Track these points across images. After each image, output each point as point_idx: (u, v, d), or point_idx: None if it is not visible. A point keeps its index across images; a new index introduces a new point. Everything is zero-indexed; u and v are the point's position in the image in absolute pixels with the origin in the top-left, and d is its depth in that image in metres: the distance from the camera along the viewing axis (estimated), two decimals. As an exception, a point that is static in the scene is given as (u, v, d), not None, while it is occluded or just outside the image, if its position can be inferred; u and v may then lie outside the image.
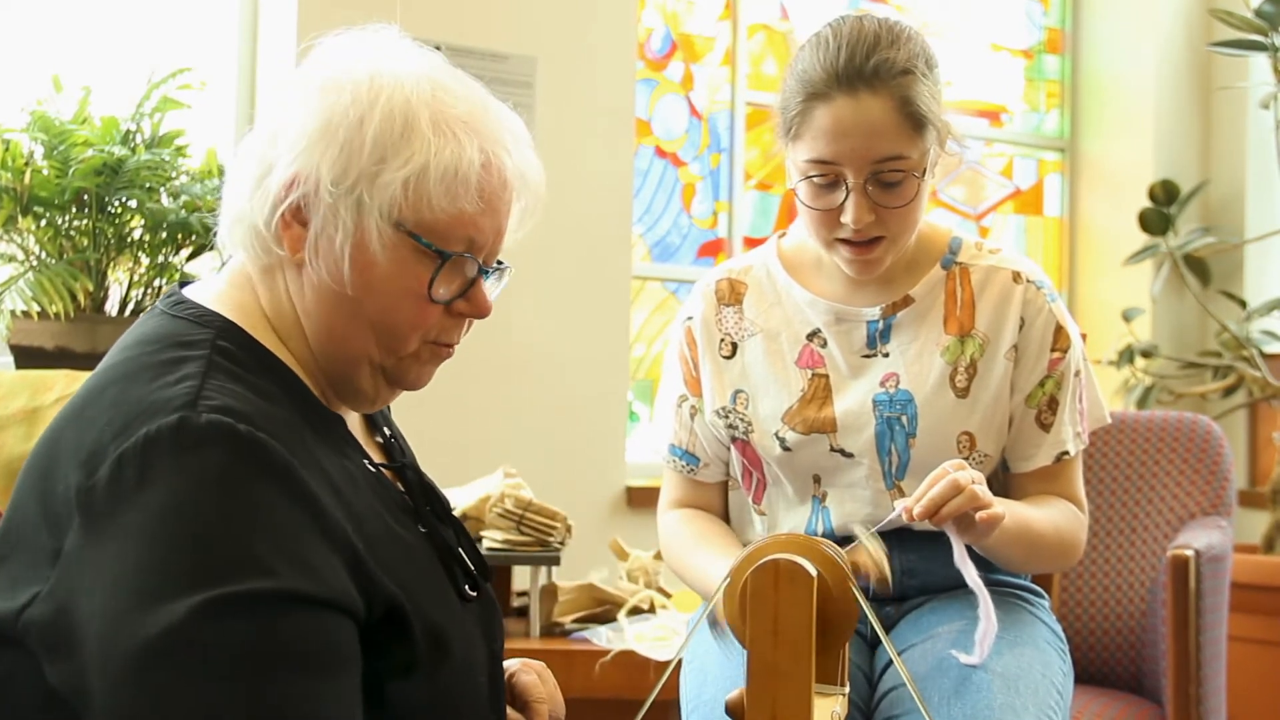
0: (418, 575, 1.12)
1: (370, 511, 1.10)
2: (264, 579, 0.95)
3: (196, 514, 0.96)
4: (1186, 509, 2.61)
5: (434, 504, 1.25)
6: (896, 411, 1.64)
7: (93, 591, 0.96)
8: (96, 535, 0.97)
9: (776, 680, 0.94)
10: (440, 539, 1.20)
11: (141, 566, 0.94)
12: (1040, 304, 1.65)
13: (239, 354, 1.09)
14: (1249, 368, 4.09)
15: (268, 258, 1.14)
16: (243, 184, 1.14)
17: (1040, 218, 4.73)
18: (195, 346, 1.07)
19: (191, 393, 1.01)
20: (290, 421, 1.06)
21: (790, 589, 0.94)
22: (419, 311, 1.14)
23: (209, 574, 0.94)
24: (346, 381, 1.17)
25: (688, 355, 1.74)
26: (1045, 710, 1.45)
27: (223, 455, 0.98)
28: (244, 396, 1.04)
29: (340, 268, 1.11)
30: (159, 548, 0.95)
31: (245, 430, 0.99)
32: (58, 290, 1.95)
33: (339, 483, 1.08)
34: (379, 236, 1.11)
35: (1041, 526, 1.59)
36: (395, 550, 1.10)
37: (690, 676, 1.58)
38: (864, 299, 1.67)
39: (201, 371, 1.04)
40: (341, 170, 1.10)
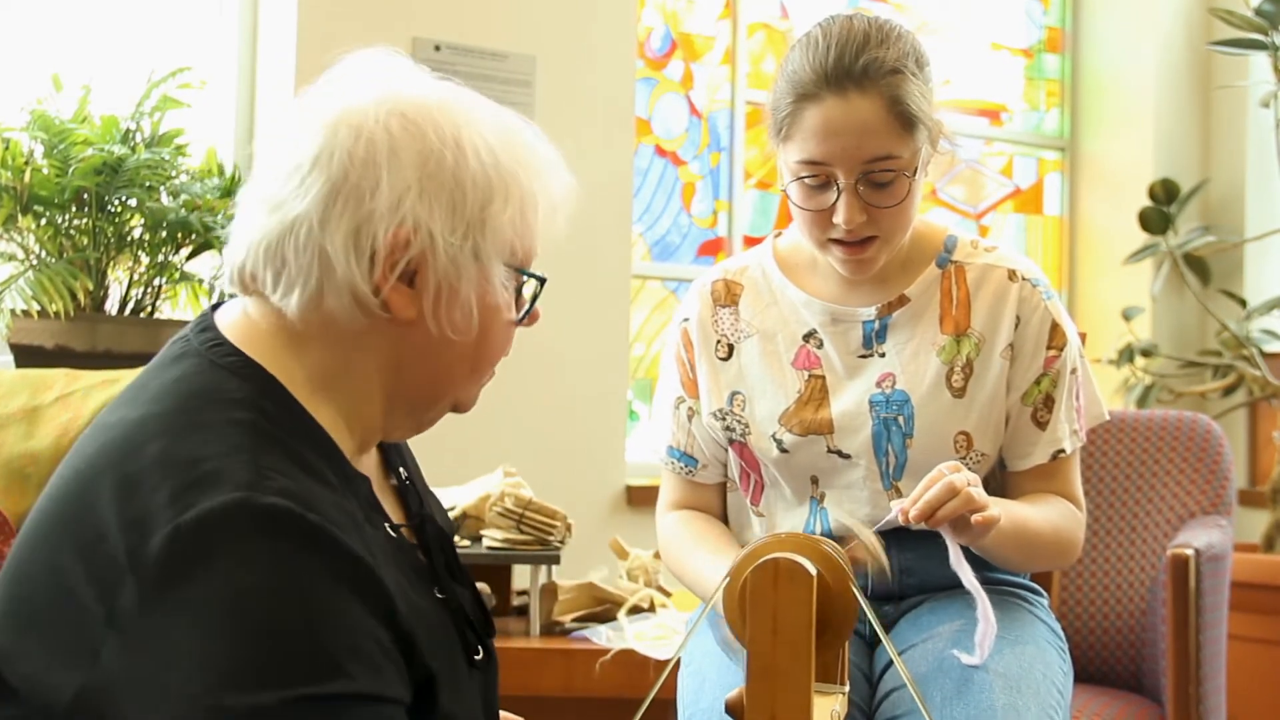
0: (441, 653, 1.09)
1: (398, 585, 1.06)
2: (345, 682, 0.92)
3: (271, 605, 0.91)
4: (1186, 508, 2.61)
5: (449, 557, 1.22)
6: (893, 412, 1.64)
7: (153, 674, 0.90)
8: (154, 611, 0.91)
9: (776, 679, 0.94)
10: (455, 602, 1.16)
11: (215, 651, 0.90)
12: (1036, 302, 1.65)
13: (281, 417, 1.03)
14: (1249, 367, 4.10)
15: (364, 320, 1.06)
16: (330, 244, 1.04)
17: (1040, 217, 4.73)
18: (238, 407, 1.01)
19: (249, 468, 0.95)
20: (341, 503, 1.02)
21: (790, 588, 0.94)
22: (508, 336, 1.15)
23: (291, 675, 0.90)
24: (415, 420, 1.15)
25: (684, 357, 1.74)
26: (1047, 710, 1.45)
27: (292, 546, 0.93)
28: (299, 477, 0.99)
29: (468, 317, 1.08)
30: (232, 636, 0.90)
31: (315, 520, 0.94)
32: (57, 289, 1.95)
33: (375, 559, 1.03)
34: (497, 278, 1.10)
35: (1038, 526, 1.59)
36: (421, 628, 1.07)
37: (688, 679, 1.58)
38: (859, 299, 1.67)
39: (251, 443, 0.98)
40: (454, 221, 1.06)
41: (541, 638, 2.40)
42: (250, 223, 1.08)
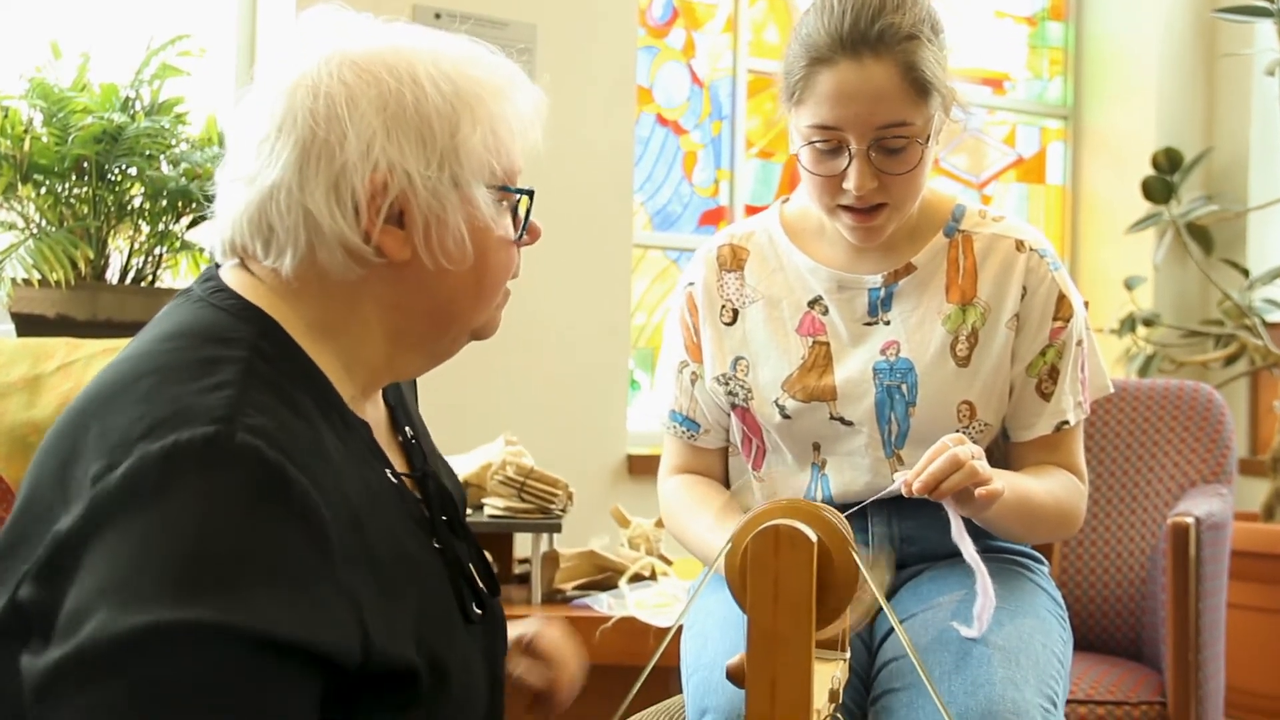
0: (426, 600, 1.09)
1: (388, 534, 1.07)
2: (240, 613, 0.90)
3: (203, 533, 0.91)
4: (1187, 477, 2.61)
5: (449, 512, 1.22)
6: (897, 380, 1.63)
7: (78, 583, 0.92)
8: (98, 529, 0.93)
9: (777, 645, 0.94)
10: (453, 554, 1.17)
11: (128, 571, 0.90)
12: (1043, 273, 1.65)
13: (276, 358, 1.05)
14: (1251, 336, 4.09)
15: (360, 269, 1.08)
16: (312, 203, 1.06)
17: (1043, 186, 4.72)
18: (234, 345, 1.03)
19: (230, 404, 0.96)
20: (321, 444, 1.02)
21: (791, 554, 0.94)
22: (510, 257, 1.15)
23: (190, 595, 0.89)
24: (430, 353, 1.15)
25: (689, 321, 1.74)
26: (1046, 680, 1.45)
27: (248, 481, 0.93)
28: (280, 416, 0.99)
29: (461, 246, 1.09)
30: (154, 557, 0.90)
31: (275, 459, 0.95)
32: (58, 258, 1.95)
33: (359, 508, 1.04)
34: (482, 201, 1.10)
35: (1040, 498, 1.59)
36: (410, 577, 1.07)
37: (690, 643, 1.58)
38: (866, 266, 1.67)
39: (239, 379, 0.99)
40: (426, 155, 1.07)
41: (543, 605, 2.41)
42: (230, 200, 1.10)
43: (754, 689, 0.94)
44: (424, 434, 1.29)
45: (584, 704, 2.42)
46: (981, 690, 1.38)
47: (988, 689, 1.38)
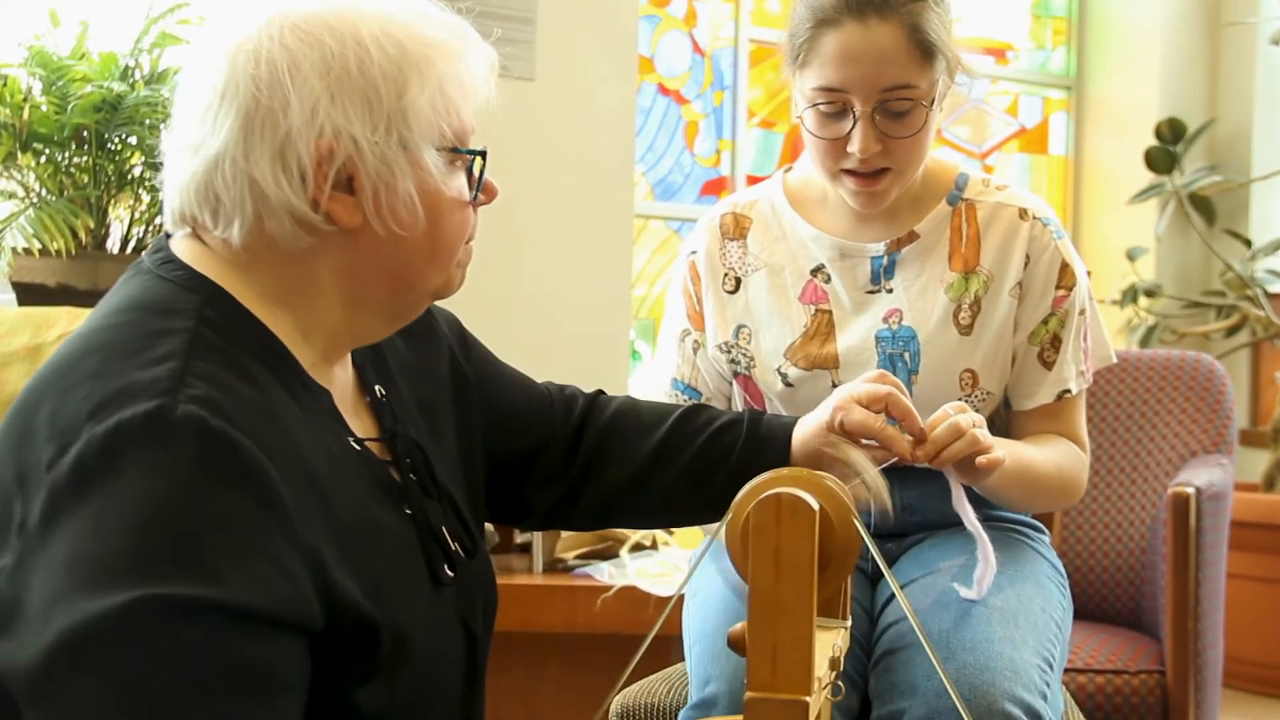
0: (390, 568, 1.09)
1: (348, 499, 1.06)
2: (209, 586, 0.90)
3: (155, 509, 0.91)
4: (1188, 447, 2.61)
5: (421, 473, 1.21)
6: (899, 348, 1.63)
7: (41, 572, 0.91)
8: (56, 515, 0.92)
9: (778, 614, 0.94)
10: (423, 517, 1.17)
11: (87, 554, 0.90)
12: (1046, 241, 1.64)
13: (225, 326, 1.04)
14: (1252, 307, 4.09)
15: (310, 238, 1.07)
16: (258, 173, 1.04)
17: (1045, 156, 4.71)
18: (180, 316, 1.02)
19: (173, 376, 0.96)
20: (271, 408, 1.01)
21: (792, 522, 0.94)
22: (465, 218, 1.14)
23: (153, 571, 0.89)
24: (392, 313, 1.15)
25: (691, 289, 1.74)
26: (1044, 643, 1.46)
27: (193, 453, 0.93)
28: (225, 383, 0.98)
29: (412, 210, 1.08)
30: (110, 537, 0.90)
31: (218, 427, 0.94)
32: (59, 227, 1.94)
33: (318, 471, 1.03)
34: (431, 163, 1.09)
35: (1042, 467, 1.59)
36: (370, 542, 1.07)
37: (693, 611, 1.59)
38: (869, 234, 1.67)
39: (184, 350, 0.99)
40: (373, 119, 1.05)
41: (544, 574, 2.42)
42: (177, 169, 1.08)
43: (755, 657, 0.95)
44: (395, 392, 1.26)
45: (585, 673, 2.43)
46: (979, 648, 1.39)
47: (985, 647, 1.39)
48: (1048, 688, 1.41)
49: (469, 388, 1.36)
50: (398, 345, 1.29)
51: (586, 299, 3.40)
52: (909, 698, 1.37)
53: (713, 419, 1.44)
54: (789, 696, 0.93)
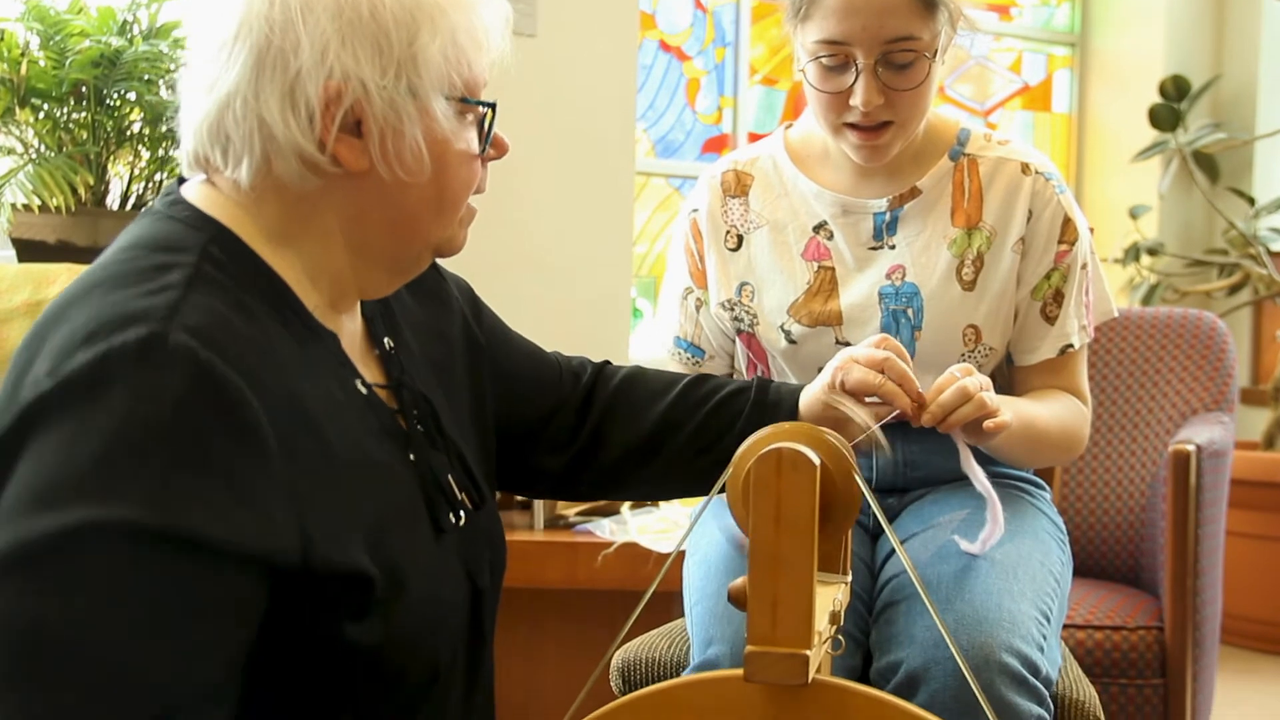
0: (387, 508, 1.09)
1: (347, 440, 1.06)
2: (163, 514, 0.90)
3: (128, 434, 0.90)
4: (1189, 405, 2.61)
5: (428, 424, 1.21)
6: (902, 304, 1.63)
7: (12, 485, 0.91)
8: (32, 431, 0.92)
9: (779, 568, 0.95)
10: (426, 466, 1.17)
11: (49, 472, 0.90)
12: (1049, 196, 1.64)
13: (229, 263, 1.04)
14: (1255, 265, 4.08)
15: (317, 179, 1.07)
16: (267, 112, 1.05)
17: (1048, 114, 4.68)
18: (184, 252, 1.02)
19: (170, 305, 0.96)
20: (268, 345, 1.02)
21: (793, 477, 0.94)
22: (472, 171, 1.14)
23: (110, 494, 0.89)
24: (395, 265, 1.15)
25: (693, 247, 1.73)
26: (1042, 596, 1.47)
27: (178, 383, 0.92)
28: (222, 317, 0.98)
29: (419, 157, 1.08)
30: (77, 457, 0.90)
31: (207, 359, 0.94)
32: (58, 183, 1.94)
33: (314, 411, 1.03)
34: (440, 112, 1.09)
35: (1045, 423, 1.60)
36: (367, 483, 1.07)
37: (693, 568, 1.59)
38: (871, 191, 1.66)
39: (184, 282, 0.99)
40: (382, 63, 1.06)
41: (545, 531, 2.43)
42: (192, 108, 1.09)
43: (755, 611, 0.95)
44: (404, 346, 1.26)
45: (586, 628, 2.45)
46: (977, 600, 1.40)
47: (983, 599, 1.40)
48: (1045, 640, 1.42)
49: (480, 352, 1.36)
50: (408, 303, 1.29)
51: (588, 257, 3.39)
52: (907, 648, 1.38)
53: (720, 386, 1.44)
54: (789, 650, 0.94)
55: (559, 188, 3.28)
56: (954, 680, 1.33)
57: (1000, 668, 1.34)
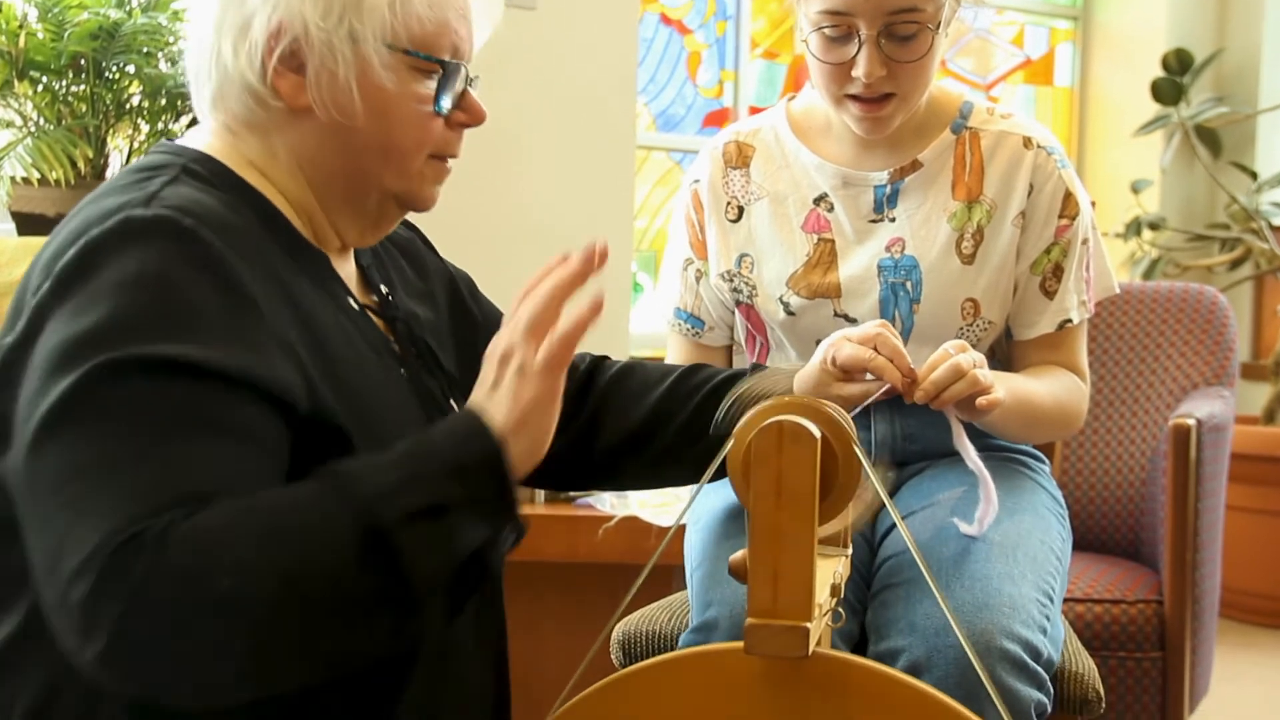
0: (387, 411, 1.13)
1: (340, 338, 1.11)
2: (177, 346, 0.95)
3: (123, 293, 0.96)
4: (1190, 379, 2.61)
5: (426, 356, 1.26)
6: (901, 277, 1.63)
7: (26, 377, 0.97)
8: (40, 325, 0.98)
9: (779, 541, 0.95)
10: (423, 386, 1.21)
11: (59, 343, 0.96)
12: (1050, 170, 1.63)
13: (211, 177, 1.11)
14: (1257, 240, 4.08)
15: (264, 113, 1.14)
16: (223, 44, 1.13)
17: (1050, 88, 4.66)
18: (167, 169, 1.09)
19: (147, 196, 1.03)
20: (249, 233, 1.07)
21: (794, 450, 0.94)
22: (424, 127, 1.17)
23: (120, 340, 0.94)
24: (356, 211, 1.19)
25: (694, 218, 1.73)
26: (1043, 576, 1.46)
27: (162, 245, 0.99)
28: (203, 201, 1.04)
29: (350, 101, 1.13)
30: (81, 321, 0.95)
31: (189, 224, 1.00)
32: (57, 157, 1.93)
33: (304, 305, 1.08)
34: (379, 60, 1.13)
35: (1041, 400, 1.60)
36: (363, 376, 1.11)
37: (693, 540, 1.60)
38: (872, 163, 1.66)
39: (166, 181, 1.06)
40: (325, 5, 1.12)
41: (546, 504, 2.43)
42: (187, 54, 1.20)
43: (756, 583, 0.95)
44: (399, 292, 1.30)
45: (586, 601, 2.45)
46: (978, 584, 1.39)
47: (984, 584, 1.39)
48: (1048, 621, 1.42)
49: (475, 327, 1.39)
50: (404, 267, 1.34)
51: (588, 230, 3.37)
52: (907, 636, 1.38)
53: (713, 375, 1.45)
54: (789, 622, 0.94)
55: (559, 161, 3.27)
56: (956, 668, 1.32)
57: (1001, 654, 1.33)
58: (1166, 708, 2.19)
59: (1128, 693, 2.20)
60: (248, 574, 0.89)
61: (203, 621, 0.88)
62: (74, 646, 0.89)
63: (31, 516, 0.93)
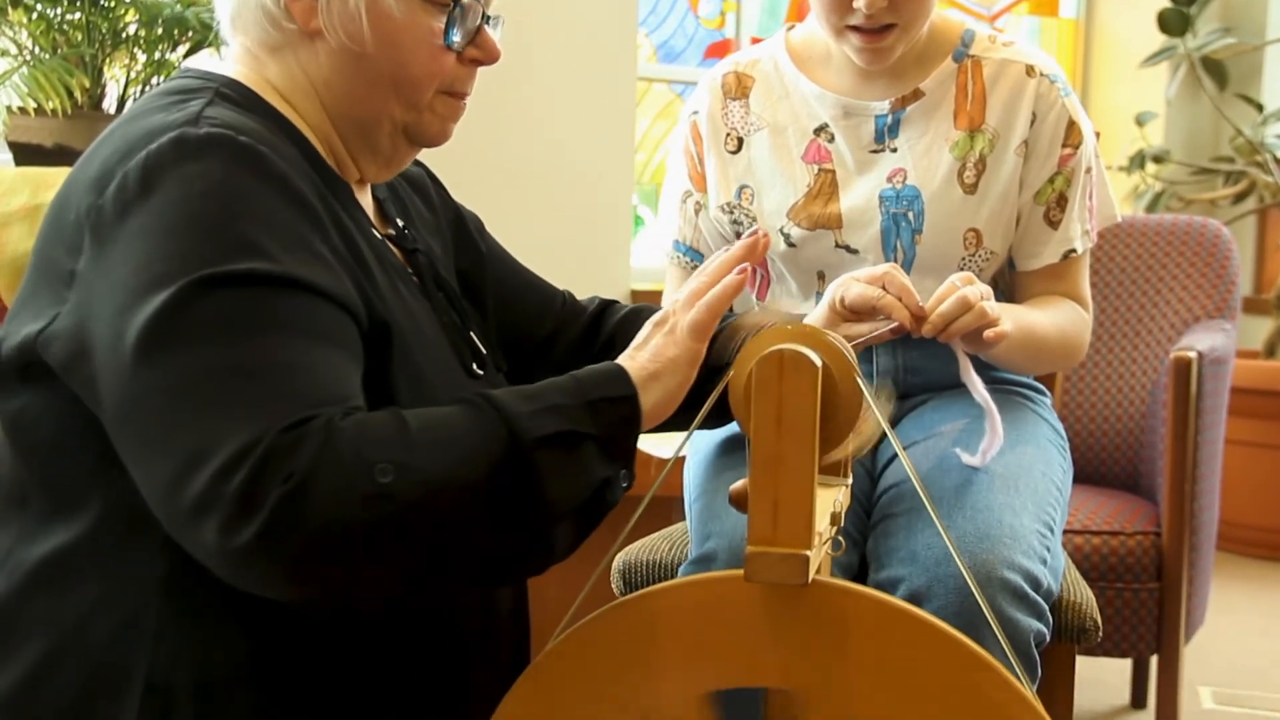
0: (421, 331, 1.15)
1: (376, 260, 1.13)
2: (262, 261, 0.98)
3: (194, 209, 0.98)
4: (1191, 312, 2.61)
5: (446, 289, 1.28)
6: (903, 207, 1.62)
7: (101, 298, 0.98)
8: (104, 246, 1.00)
9: (780, 470, 0.95)
10: (447, 318, 1.23)
11: (140, 263, 0.97)
12: (1053, 98, 1.62)
13: (242, 101, 1.12)
14: (1261, 173, 4.05)
15: (279, 35, 1.16)
16: None
17: (1055, 19, 4.62)
18: (199, 92, 1.10)
19: (194, 115, 1.04)
20: (293, 156, 1.08)
21: (795, 378, 0.94)
22: (434, 60, 1.17)
23: (204, 258, 0.96)
24: (368, 144, 1.20)
25: (693, 150, 1.72)
26: (1044, 508, 1.47)
27: (221, 160, 1.00)
28: (245, 122, 1.06)
29: (359, 27, 1.14)
30: (157, 242, 0.97)
31: (246, 141, 1.02)
32: (54, 86, 1.92)
33: (344, 224, 1.10)
34: None
35: (1046, 331, 1.59)
36: (399, 300, 1.13)
37: (693, 471, 1.60)
38: (873, 93, 1.64)
39: (205, 103, 1.07)
40: None
41: (548, 438, 2.43)
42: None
43: (756, 511, 0.95)
44: (417, 229, 1.32)
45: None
46: (979, 515, 1.40)
47: (985, 514, 1.40)
48: (1048, 552, 1.42)
49: (482, 260, 1.41)
50: (417, 202, 1.36)
51: (588, 164, 3.37)
52: (908, 565, 1.38)
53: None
54: (789, 550, 0.94)
55: (560, 95, 3.24)
56: (956, 597, 1.33)
57: (1002, 584, 1.34)
58: (1162, 637, 2.21)
59: (1124, 623, 2.21)
60: (404, 472, 0.93)
61: (360, 513, 0.92)
62: (219, 538, 0.91)
63: (146, 425, 0.95)
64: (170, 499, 0.93)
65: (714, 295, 1.14)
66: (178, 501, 0.92)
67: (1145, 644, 2.22)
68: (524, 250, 3.38)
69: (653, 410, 1.12)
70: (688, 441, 1.31)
